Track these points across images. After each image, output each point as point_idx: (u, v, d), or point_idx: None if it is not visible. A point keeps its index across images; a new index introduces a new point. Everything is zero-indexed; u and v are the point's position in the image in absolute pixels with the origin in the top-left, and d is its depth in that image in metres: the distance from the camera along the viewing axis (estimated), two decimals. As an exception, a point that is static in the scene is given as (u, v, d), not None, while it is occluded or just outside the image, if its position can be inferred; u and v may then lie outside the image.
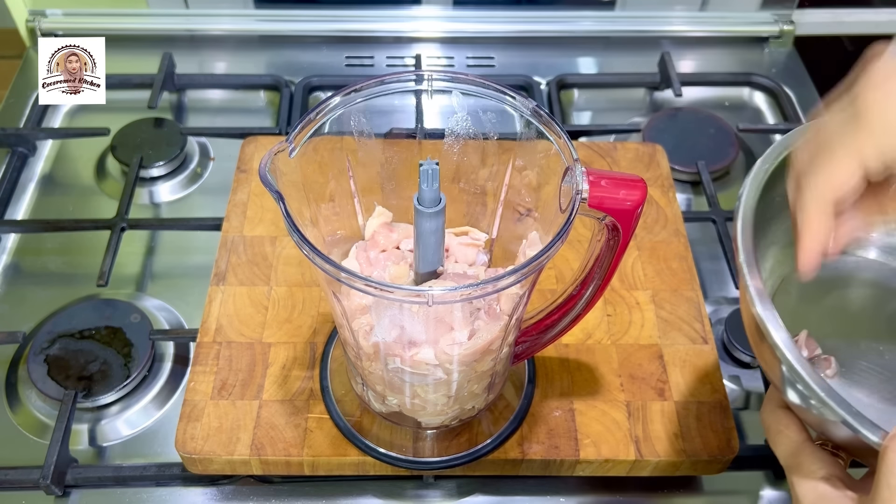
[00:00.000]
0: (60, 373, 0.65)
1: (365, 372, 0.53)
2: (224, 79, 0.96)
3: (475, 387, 0.54)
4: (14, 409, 0.66)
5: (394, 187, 0.54)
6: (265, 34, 1.00)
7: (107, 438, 0.65)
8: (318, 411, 0.59)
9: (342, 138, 0.49)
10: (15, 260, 0.77)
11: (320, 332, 0.64)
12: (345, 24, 1.00)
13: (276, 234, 0.70)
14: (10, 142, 0.85)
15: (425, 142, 0.54)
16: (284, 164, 0.44)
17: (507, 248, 0.55)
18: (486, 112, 0.50)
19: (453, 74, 0.48)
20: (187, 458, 0.57)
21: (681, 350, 0.62)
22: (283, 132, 0.86)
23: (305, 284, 0.67)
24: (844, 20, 1.04)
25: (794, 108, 0.94)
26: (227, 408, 0.59)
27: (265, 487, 0.61)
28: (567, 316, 0.53)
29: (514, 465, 0.58)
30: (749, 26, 1.02)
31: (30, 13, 0.96)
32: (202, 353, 0.62)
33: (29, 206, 0.82)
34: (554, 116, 0.56)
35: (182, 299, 0.73)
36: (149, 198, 0.83)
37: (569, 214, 0.42)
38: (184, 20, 0.98)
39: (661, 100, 0.96)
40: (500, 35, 1.01)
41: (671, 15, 1.02)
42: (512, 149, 0.51)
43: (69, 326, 0.68)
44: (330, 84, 0.94)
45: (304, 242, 0.40)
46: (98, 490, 0.61)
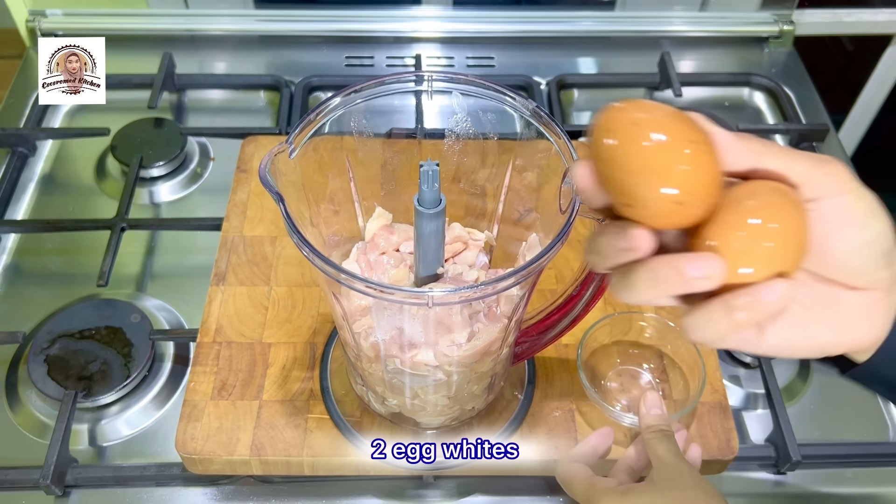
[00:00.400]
0: (60, 373, 0.65)
1: (365, 373, 0.53)
2: (224, 79, 0.96)
3: (475, 387, 0.54)
4: (14, 409, 0.66)
5: (394, 188, 0.54)
6: (265, 34, 1.00)
7: (107, 438, 0.65)
8: (318, 412, 0.59)
9: (342, 139, 0.49)
10: (15, 260, 0.77)
11: (320, 332, 0.64)
12: (345, 24, 1.00)
13: (275, 234, 0.70)
14: (10, 142, 0.85)
15: (425, 142, 0.54)
16: (284, 165, 0.44)
17: (507, 249, 0.55)
18: (485, 112, 0.50)
19: (453, 75, 0.48)
20: (187, 458, 0.57)
21: (681, 350, 0.62)
22: (283, 132, 0.86)
23: (305, 285, 0.67)
24: (844, 20, 1.04)
25: (794, 107, 0.94)
26: (227, 408, 0.59)
27: (265, 487, 0.61)
28: (567, 316, 0.53)
29: (514, 465, 0.58)
30: (749, 26, 1.02)
31: (30, 13, 0.96)
32: (202, 353, 0.62)
33: (29, 207, 0.82)
34: (554, 117, 0.56)
35: (182, 299, 0.73)
36: (149, 198, 0.83)
37: (569, 215, 0.42)
38: (184, 20, 0.98)
39: (661, 100, 0.96)
40: (500, 35, 1.01)
41: (671, 15, 1.02)
42: (512, 149, 0.51)
43: (69, 326, 0.68)
44: (330, 84, 0.94)
45: (304, 243, 0.40)
46: (98, 490, 0.61)
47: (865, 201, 0.34)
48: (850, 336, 0.36)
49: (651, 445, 0.52)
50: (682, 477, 0.49)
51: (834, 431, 0.67)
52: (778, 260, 0.31)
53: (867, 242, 0.34)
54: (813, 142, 0.89)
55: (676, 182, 0.30)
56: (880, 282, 0.35)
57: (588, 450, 0.56)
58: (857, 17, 1.04)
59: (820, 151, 0.89)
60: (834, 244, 0.33)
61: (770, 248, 0.31)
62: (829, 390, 0.69)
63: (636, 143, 0.30)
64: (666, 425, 0.54)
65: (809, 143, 0.89)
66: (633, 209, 0.31)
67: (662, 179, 0.30)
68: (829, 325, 0.35)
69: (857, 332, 0.36)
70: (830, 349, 0.36)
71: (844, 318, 0.35)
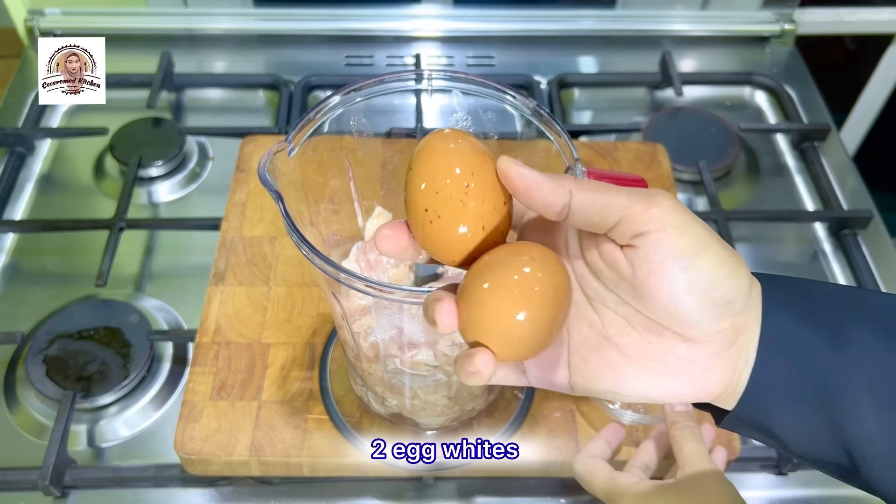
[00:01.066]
0: (59, 373, 0.65)
1: (364, 373, 0.53)
2: (223, 78, 0.96)
3: (475, 388, 0.54)
4: (12, 410, 0.66)
5: (393, 187, 0.54)
6: (264, 33, 1.00)
7: (105, 439, 0.64)
8: (317, 412, 0.59)
9: (342, 138, 0.49)
10: (13, 260, 0.77)
11: (320, 332, 0.63)
12: (344, 23, 0.99)
13: (275, 234, 0.69)
14: (9, 141, 0.84)
15: (425, 141, 0.53)
16: (283, 164, 0.44)
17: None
18: (486, 111, 0.49)
19: (453, 73, 0.48)
20: (186, 458, 0.57)
21: None
22: (282, 132, 0.86)
23: (305, 285, 0.66)
24: (846, 19, 1.04)
25: (796, 107, 0.94)
26: (226, 408, 0.59)
27: (264, 488, 0.61)
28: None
29: (515, 465, 0.58)
30: (750, 25, 1.02)
31: (28, 12, 0.95)
32: (201, 353, 0.62)
33: (27, 206, 0.82)
34: (554, 116, 0.56)
35: (181, 299, 0.73)
36: (147, 198, 0.83)
37: (569, 215, 0.42)
38: (183, 19, 0.98)
39: (662, 99, 0.96)
40: (500, 34, 1.01)
41: (672, 14, 1.01)
42: (512, 148, 0.51)
43: (68, 327, 0.68)
44: (329, 83, 0.94)
45: (304, 243, 0.40)
46: (97, 491, 0.61)
47: (690, 237, 0.30)
48: (681, 388, 0.32)
49: (678, 443, 0.51)
50: (707, 479, 0.48)
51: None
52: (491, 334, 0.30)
53: (696, 286, 0.30)
54: (815, 141, 0.89)
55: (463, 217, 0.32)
56: (717, 335, 0.31)
57: (603, 445, 0.55)
58: (859, 17, 1.04)
59: (821, 150, 0.89)
60: (657, 286, 0.30)
61: (490, 323, 0.30)
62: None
63: (433, 174, 0.32)
64: (693, 423, 0.53)
65: (811, 142, 0.89)
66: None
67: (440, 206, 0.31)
68: (660, 377, 0.32)
69: (690, 383, 0.32)
70: (678, 398, 0.32)
71: (676, 371, 0.31)
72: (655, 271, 0.30)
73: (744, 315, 0.31)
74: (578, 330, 0.33)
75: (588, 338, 0.33)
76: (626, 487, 0.49)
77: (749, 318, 0.31)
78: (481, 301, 0.30)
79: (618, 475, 0.51)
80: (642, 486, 0.49)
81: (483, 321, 0.30)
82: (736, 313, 0.31)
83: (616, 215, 0.30)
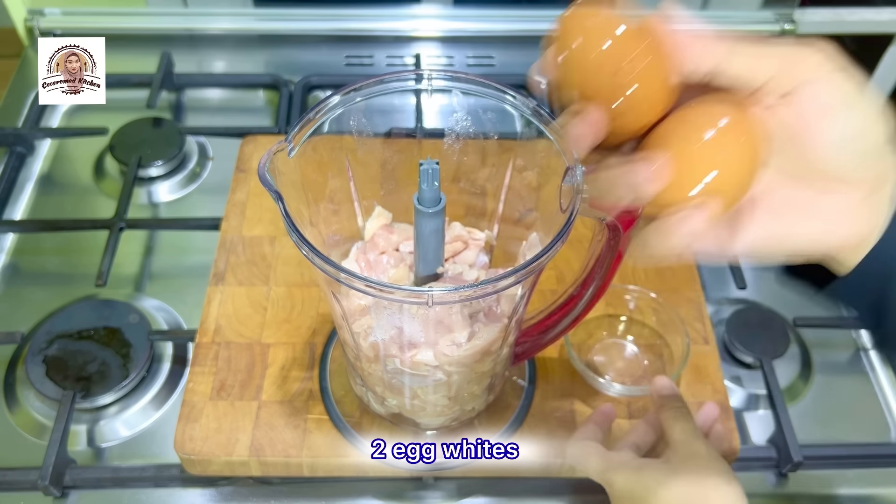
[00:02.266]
0: (59, 373, 0.65)
1: (364, 373, 0.53)
2: (223, 78, 0.96)
3: (475, 388, 0.54)
4: (12, 410, 0.66)
5: (393, 187, 0.54)
6: (264, 33, 1.00)
7: (105, 439, 0.64)
8: (317, 412, 0.59)
9: (341, 138, 0.49)
10: (13, 260, 0.77)
11: (319, 332, 0.63)
12: (344, 23, 0.99)
13: (274, 234, 0.69)
14: (9, 141, 0.84)
15: (425, 141, 0.54)
16: (283, 164, 0.44)
17: (508, 249, 0.54)
18: (486, 111, 0.49)
19: (453, 73, 0.48)
20: (186, 459, 0.57)
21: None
22: (282, 131, 0.86)
23: (304, 285, 0.66)
24: (846, 19, 1.04)
25: (796, 107, 0.93)
26: (225, 408, 0.59)
27: (264, 489, 0.61)
28: (567, 316, 0.52)
29: (515, 465, 0.58)
30: (750, 25, 1.02)
31: (28, 12, 0.95)
32: (201, 353, 0.62)
33: (27, 206, 0.81)
34: (554, 115, 0.56)
35: (180, 299, 0.73)
36: (147, 198, 0.82)
37: (569, 214, 0.42)
38: (182, 19, 0.98)
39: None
40: (500, 34, 1.01)
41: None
42: (512, 148, 0.51)
43: (67, 327, 0.68)
44: (329, 83, 0.94)
45: (304, 242, 0.40)
46: (96, 491, 0.61)
47: (841, 89, 0.29)
48: (827, 236, 0.32)
49: (668, 425, 0.52)
50: (698, 457, 0.49)
51: (835, 432, 0.66)
52: (714, 184, 0.31)
53: (847, 137, 0.29)
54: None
55: (629, 78, 0.32)
56: (863, 182, 0.31)
57: (593, 428, 0.55)
58: (860, 17, 1.04)
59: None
60: (809, 139, 0.29)
61: (710, 174, 0.30)
62: (830, 391, 0.69)
63: (592, 45, 0.33)
64: (681, 404, 0.53)
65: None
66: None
67: (615, 76, 0.33)
68: (804, 225, 0.32)
69: (835, 231, 0.32)
70: (806, 249, 0.32)
71: (820, 219, 0.31)
72: (807, 125, 0.30)
73: (889, 160, 0.31)
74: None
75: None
76: (621, 465, 0.50)
77: (891, 164, 0.32)
78: (702, 150, 0.30)
79: (611, 454, 0.52)
80: (636, 463, 0.50)
81: (702, 172, 0.30)
82: (883, 158, 0.31)
83: (762, 78, 0.30)
